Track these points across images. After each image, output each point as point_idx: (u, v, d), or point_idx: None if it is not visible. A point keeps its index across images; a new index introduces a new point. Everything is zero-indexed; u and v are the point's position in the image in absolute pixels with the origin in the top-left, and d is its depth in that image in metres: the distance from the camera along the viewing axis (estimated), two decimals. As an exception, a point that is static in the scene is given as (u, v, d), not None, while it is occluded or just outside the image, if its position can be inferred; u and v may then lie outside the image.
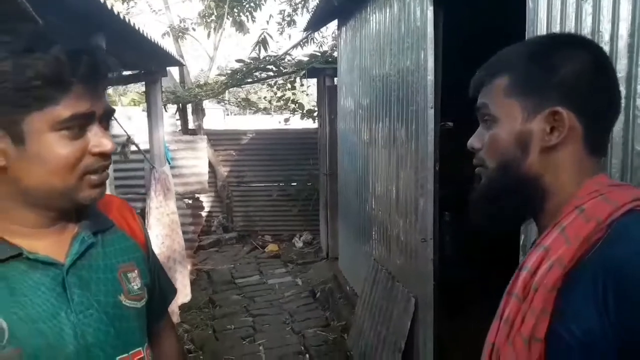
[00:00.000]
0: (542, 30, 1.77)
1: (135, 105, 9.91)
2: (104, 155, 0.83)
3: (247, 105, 10.14)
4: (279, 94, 8.46)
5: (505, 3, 2.69)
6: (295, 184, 7.78)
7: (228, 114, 19.28)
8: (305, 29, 6.20)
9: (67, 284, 0.83)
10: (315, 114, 7.68)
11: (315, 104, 8.47)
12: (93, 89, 0.81)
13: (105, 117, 0.85)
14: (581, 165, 0.79)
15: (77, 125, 0.80)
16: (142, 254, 1.00)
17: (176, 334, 1.19)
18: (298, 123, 8.58)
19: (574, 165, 0.79)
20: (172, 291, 1.16)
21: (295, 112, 8.49)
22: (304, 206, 7.64)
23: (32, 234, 0.83)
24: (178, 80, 8.06)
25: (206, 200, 7.39)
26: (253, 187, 7.97)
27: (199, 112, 7.84)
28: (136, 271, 0.95)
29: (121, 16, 2.45)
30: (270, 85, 8.51)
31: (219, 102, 10.30)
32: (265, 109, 10.27)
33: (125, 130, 3.94)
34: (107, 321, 0.86)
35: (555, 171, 0.79)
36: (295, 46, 7.24)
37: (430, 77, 2.83)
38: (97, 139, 0.82)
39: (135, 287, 0.93)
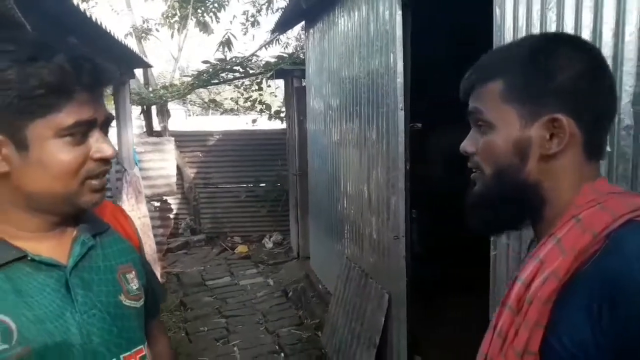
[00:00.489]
0: (509, 36, 1.87)
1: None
2: (105, 161, 0.85)
3: (213, 106, 10.06)
4: (246, 95, 8.45)
5: (471, 8, 2.81)
6: (263, 184, 7.79)
7: (190, 115, 19.03)
8: (273, 31, 6.22)
9: (70, 285, 0.85)
10: (283, 115, 7.72)
11: (282, 104, 8.51)
12: (95, 96, 0.83)
13: (105, 124, 0.87)
14: (581, 172, 0.78)
15: (80, 132, 0.81)
16: (137, 256, 1.02)
17: (167, 334, 1.21)
18: (265, 124, 8.58)
19: (574, 172, 0.77)
20: (162, 292, 1.19)
21: (263, 113, 8.49)
22: (272, 207, 7.65)
23: (33, 238, 0.85)
24: (142, 82, 7.92)
25: (173, 203, 7.31)
26: (221, 189, 7.91)
27: (164, 113, 7.73)
28: (134, 272, 0.98)
29: (93, 19, 2.42)
30: (237, 86, 8.49)
31: (183, 103, 10.17)
32: (232, 109, 10.22)
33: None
34: (110, 320, 0.88)
35: (554, 178, 0.78)
36: (262, 47, 7.25)
37: (400, 79, 2.92)
38: (98, 145, 0.84)
39: (134, 288, 0.96)
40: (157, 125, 7.82)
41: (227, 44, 8.18)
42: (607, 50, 1.40)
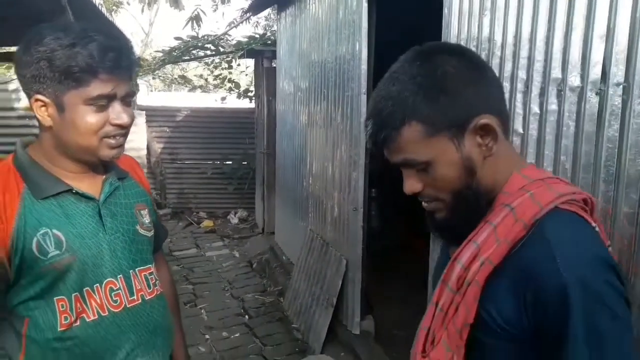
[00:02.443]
0: (455, 32, 2.20)
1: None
2: (121, 126, 1.10)
3: (182, 82, 10.11)
4: (216, 72, 8.58)
5: (429, 3, 3.13)
6: (230, 162, 7.96)
7: (152, 90, 18.79)
8: (246, 12, 6.39)
9: (102, 214, 1.15)
10: (252, 94, 7.90)
11: (251, 83, 8.68)
12: (116, 76, 1.06)
13: (127, 97, 1.11)
14: (509, 158, 0.85)
15: (102, 102, 1.06)
16: (148, 198, 1.32)
17: (167, 264, 1.51)
18: (234, 102, 8.74)
19: (505, 159, 0.83)
20: (165, 231, 1.49)
21: (232, 92, 8.64)
22: (239, 184, 7.86)
23: (76, 177, 1.14)
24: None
25: (141, 176, 7.41)
26: (187, 165, 8.04)
27: (134, 87, 7.78)
28: (146, 210, 1.29)
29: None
30: (206, 64, 8.60)
31: (153, 78, 10.18)
32: (200, 86, 10.30)
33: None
34: (129, 242, 1.19)
35: (494, 171, 0.83)
36: (234, 27, 7.40)
37: (364, 66, 3.22)
38: (116, 113, 1.08)
39: (147, 221, 1.27)
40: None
41: (196, 19, 8.26)
42: (524, 52, 1.75)
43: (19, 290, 1.08)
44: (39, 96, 1.04)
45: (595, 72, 1.49)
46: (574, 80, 1.56)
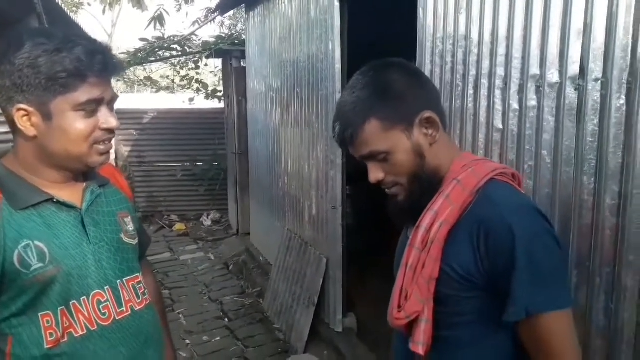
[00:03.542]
0: (429, 34, 2.22)
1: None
2: (110, 130, 1.08)
3: (149, 83, 9.90)
4: (182, 73, 8.44)
5: (401, 6, 3.16)
6: (200, 163, 7.86)
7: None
8: (213, 11, 6.30)
9: (85, 223, 1.11)
10: (221, 94, 7.81)
11: (218, 83, 8.57)
12: (104, 80, 1.05)
13: (113, 101, 1.10)
14: (449, 147, 1.07)
15: (91, 107, 1.04)
16: (130, 206, 1.29)
17: (153, 272, 1.48)
18: (203, 103, 8.61)
19: (446, 146, 1.06)
20: (148, 239, 1.45)
21: (200, 92, 8.52)
22: (210, 186, 7.77)
23: (56, 187, 1.10)
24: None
25: (109, 181, 7.22)
26: (156, 167, 7.88)
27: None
28: (129, 217, 1.25)
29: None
30: (173, 65, 8.44)
31: (117, 80, 9.92)
32: (167, 87, 10.11)
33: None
34: (114, 251, 1.16)
35: (439, 157, 1.04)
36: (201, 27, 7.29)
37: (338, 65, 3.23)
38: (105, 118, 1.06)
39: (130, 229, 1.23)
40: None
41: (159, 19, 8.09)
42: (502, 50, 1.79)
43: (0, 308, 1.04)
44: (22, 105, 1.00)
45: (574, 68, 1.53)
46: (553, 76, 1.60)
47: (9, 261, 1.00)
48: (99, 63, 1.02)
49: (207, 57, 6.97)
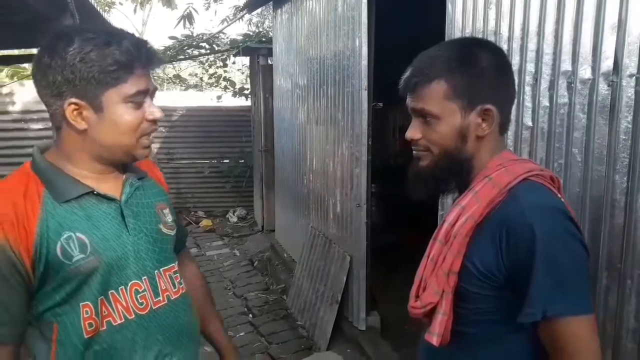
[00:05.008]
0: (458, 29, 2.19)
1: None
2: (154, 122, 1.10)
3: (177, 81, 10.06)
4: (211, 71, 8.53)
5: (430, 1, 3.12)
6: (227, 160, 7.93)
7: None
8: (241, 9, 6.36)
9: (124, 214, 1.12)
10: (248, 92, 7.88)
11: (246, 81, 8.64)
12: (148, 71, 1.07)
13: (154, 93, 1.12)
14: (495, 145, 1.03)
15: (138, 99, 1.06)
16: (167, 198, 1.30)
17: (194, 259, 1.51)
18: (230, 101, 8.69)
19: (492, 146, 1.02)
20: (185, 230, 1.48)
21: (227, 90, 8.60)
22: (236, 182, 7.83)
23: (96, 179, 1.11)
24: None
25: (138, 177, 7.36)
26: (184, 164, 8.00)
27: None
28: (167, 209, 1.26)
29: (90, -1, 2.56)
30: (201, 62, 8.55)
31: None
32: (195, 85, 10.25)
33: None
34: (152, 242, 1.17)
35: (479, 152, 1.02)
36: (229, 25, 7.36)
37: (364, 62, 3.21)
38: (150, 109, 1.08)
39: (169, 220, 1.25)
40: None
41: (188, 18, 8.21)
42: (532, 45, 1.75)
43: (45, 297, 1.06)
44: (73, 99, 1.02)
45: (607, 64, 1.48)
46: (585, 72, 1.56)
47: (52, 253, 1.02)
48: (145, 55, 1.04)
49: (235, 55, 7.04)
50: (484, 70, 0.98)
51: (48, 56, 1.01)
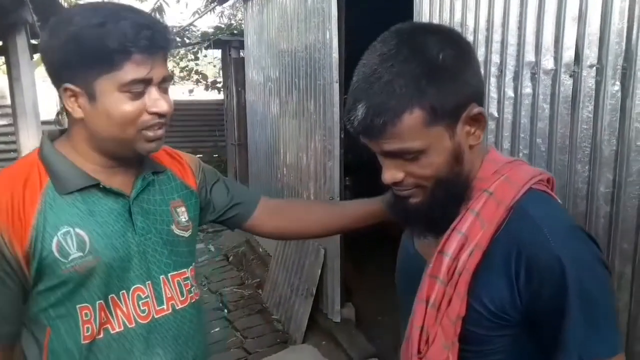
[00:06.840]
0: (426, 18, 2.19)
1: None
2: (160, 115, 0.98)
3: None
4: (182, 64, 8.41)
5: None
6: (201, 155, 7.84)
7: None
8: (212, 1, 6.26)
9: (132, 212, 1.03)
10: (220, 85, 7.79)
11: (218, 74, 8.54)
12: (151, 57, 0.94)
13: (164, 82, 0.99)
14: (481, 146, 0.84)
15: (137, 88, 0.94)
16: (187, 192, 1.18)
17: (284, 200, 1.34)
18: (202, 94, 8.60)
19: (480, 147, 0.84)
20: (250, 194, 1.41)
21: (199, 83, 8.50)
22: (211, 177, 7.76)
23: (105, 172, 1.02)
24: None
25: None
26: (157, 160, 7.90)
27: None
28: (184, 207, 1.15)
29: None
30: (172, 56, 8.41)
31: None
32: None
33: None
34: (162, 244, 1.07)
35: (474, 161, 0.83)
36: (200, 17, 7.25)
37: (335, 54, 3.20)
38: (153, 101, 0.96)
39: (183, 220, 1.13)
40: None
41: (159, 11, 8.06)
42: (497, 36, 1.76)
43: (38, 297, 0.98)
44: (68, 85, 0.93)
45: (569, 55, 1.51)
46: (548, 63, 1.58)
47: (47, 248, 0.94)
48: (145, 38, 0.91)
49: (206, 48, 6.94)
50: (454, 66, 0.76)
51: (48, 37, 0.94)
